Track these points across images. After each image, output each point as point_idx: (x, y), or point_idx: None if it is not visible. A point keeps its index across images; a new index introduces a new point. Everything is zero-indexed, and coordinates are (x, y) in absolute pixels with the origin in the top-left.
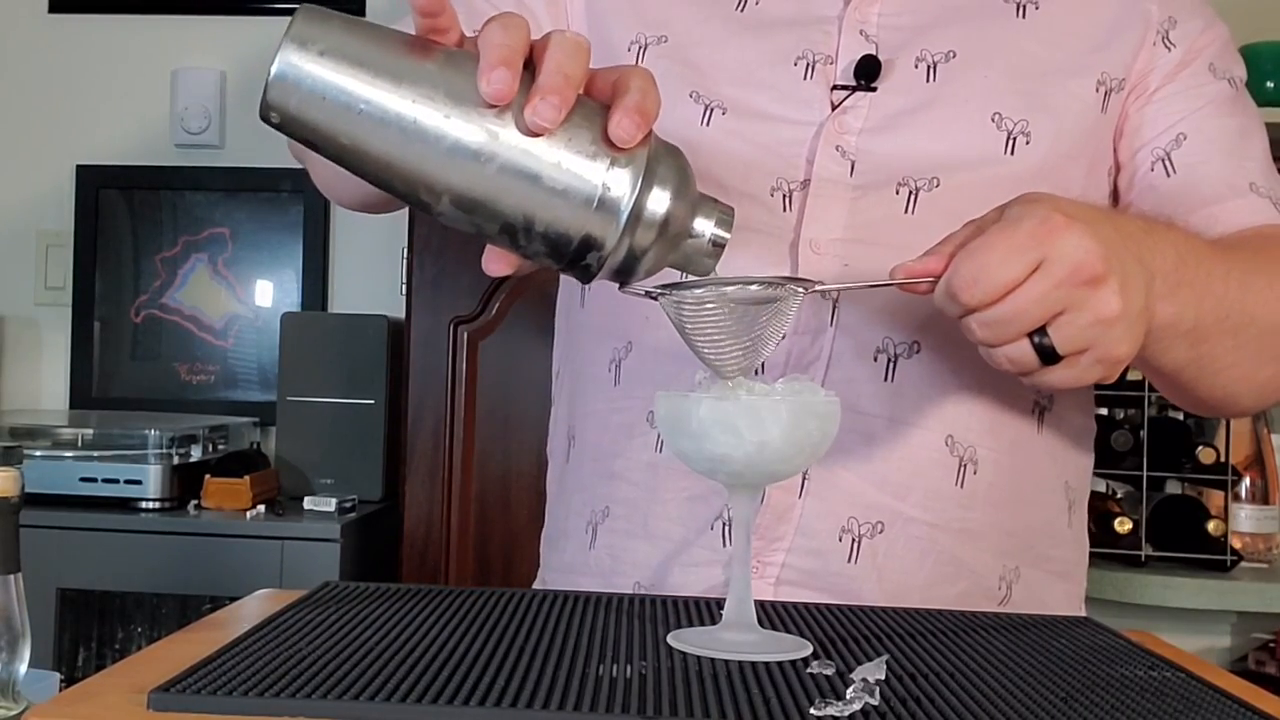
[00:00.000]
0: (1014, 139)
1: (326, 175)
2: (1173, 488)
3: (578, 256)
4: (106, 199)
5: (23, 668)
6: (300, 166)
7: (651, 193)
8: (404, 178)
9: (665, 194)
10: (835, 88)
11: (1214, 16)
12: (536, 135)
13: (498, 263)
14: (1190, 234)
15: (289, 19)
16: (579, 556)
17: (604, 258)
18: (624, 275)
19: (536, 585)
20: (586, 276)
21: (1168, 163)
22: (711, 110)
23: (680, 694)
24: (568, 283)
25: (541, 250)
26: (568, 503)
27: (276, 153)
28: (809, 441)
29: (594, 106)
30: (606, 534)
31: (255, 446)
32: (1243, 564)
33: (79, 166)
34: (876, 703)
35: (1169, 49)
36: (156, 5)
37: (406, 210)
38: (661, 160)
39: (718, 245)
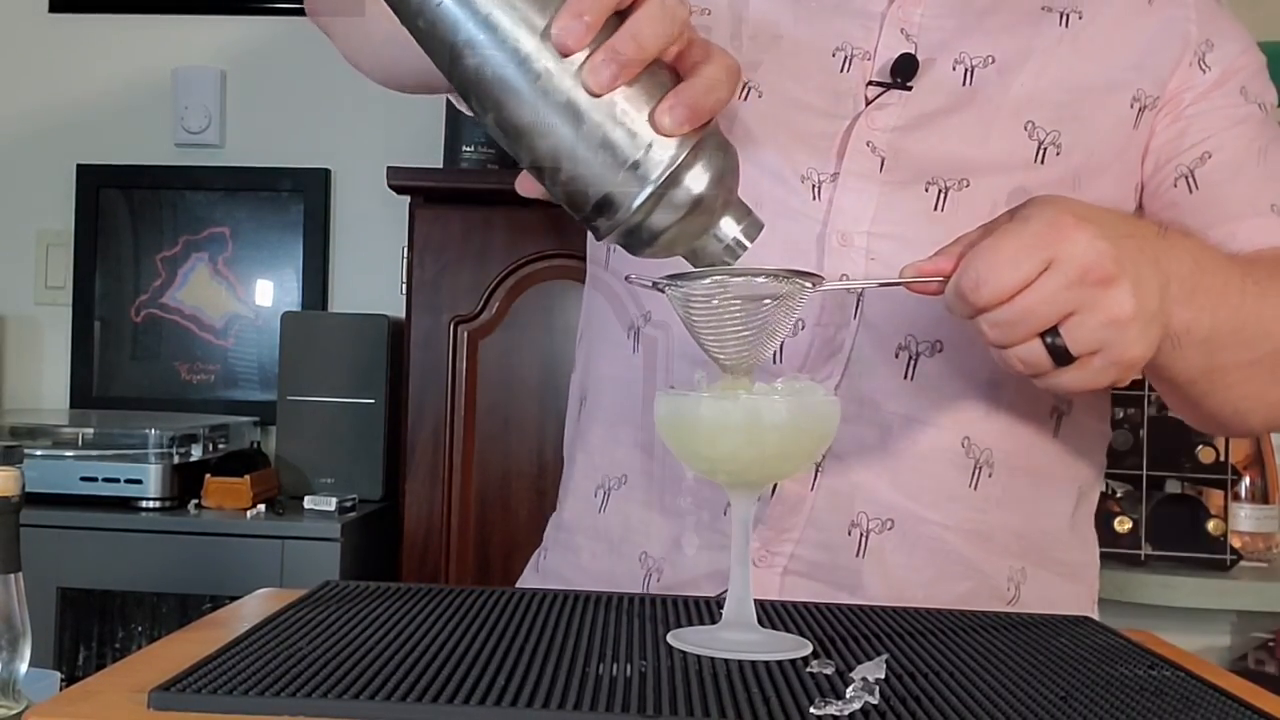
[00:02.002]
0: (1044, 148)
1: (356, 43)
2: (1173, 487)
3: (594, 214)
4: (106, 198)
5: (23, 667)
6: (300, 167)
7: (683, 182)
8: (462, 79)
9: (696, 186)
10: (871, 83)
11: (1251, 42)
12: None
13: (529, 185)
14: (1208, 244)
15: (290, 18)
16: (585, 519)
17: (615, 225)
18: (634, 247)
19: (537, 552)
20: (596, 235)
21: (1191, 180)
22: (748, 91)
23: (680, 693)
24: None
25: (562, 196)
26: (573, 461)
27: (276, 152)
28: (808, 441)
29: (664, 79)
30: (620, 501)
31: (255, 446)
32: (1242, 563)
33: (79, 166)
34: (876, 702)
35: (1204, 71)
36: (156, 5)
37: (407, 210)
38: (706, 154)
39: (735, 250)
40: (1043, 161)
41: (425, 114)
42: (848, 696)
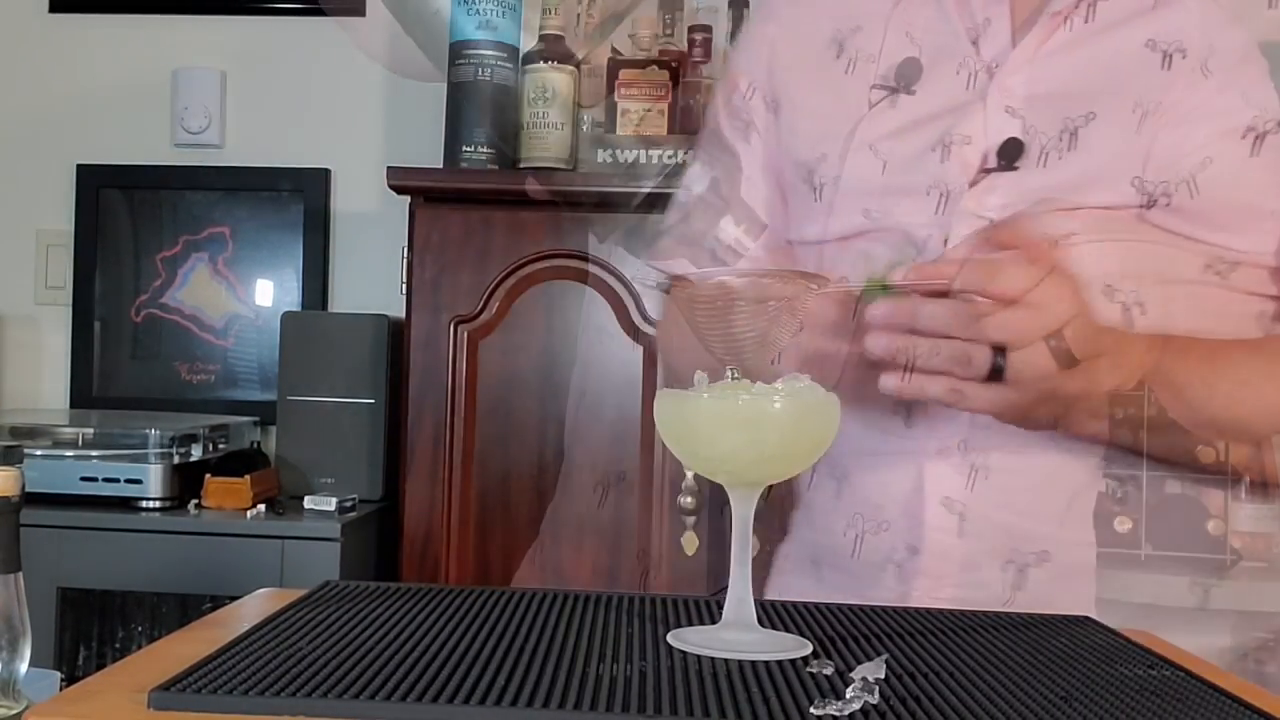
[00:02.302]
0: (1046, 154)
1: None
2: (1173, 487)
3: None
4: (106, 199)
5: (23, 667)
6: (300, 166)
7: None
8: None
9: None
10: (875, 87)
11: (1253, 47)
12: None
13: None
14: (1212, 251)
15: (290, 18)
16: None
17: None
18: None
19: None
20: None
21: (1192, 185)
22: (752, 91)
23: (680, 693)
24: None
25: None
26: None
27: (276, 152)
28: (808, 441)
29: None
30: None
31: (255, 446)
32: (1243, 563)
33: (79, 166)
34: (876, 701)
35: (1206, 76)
36: (156, 5)
37: (407, 210)
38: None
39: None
40: (1045, 166)
41: (425, 114)
42: (848, 696)
